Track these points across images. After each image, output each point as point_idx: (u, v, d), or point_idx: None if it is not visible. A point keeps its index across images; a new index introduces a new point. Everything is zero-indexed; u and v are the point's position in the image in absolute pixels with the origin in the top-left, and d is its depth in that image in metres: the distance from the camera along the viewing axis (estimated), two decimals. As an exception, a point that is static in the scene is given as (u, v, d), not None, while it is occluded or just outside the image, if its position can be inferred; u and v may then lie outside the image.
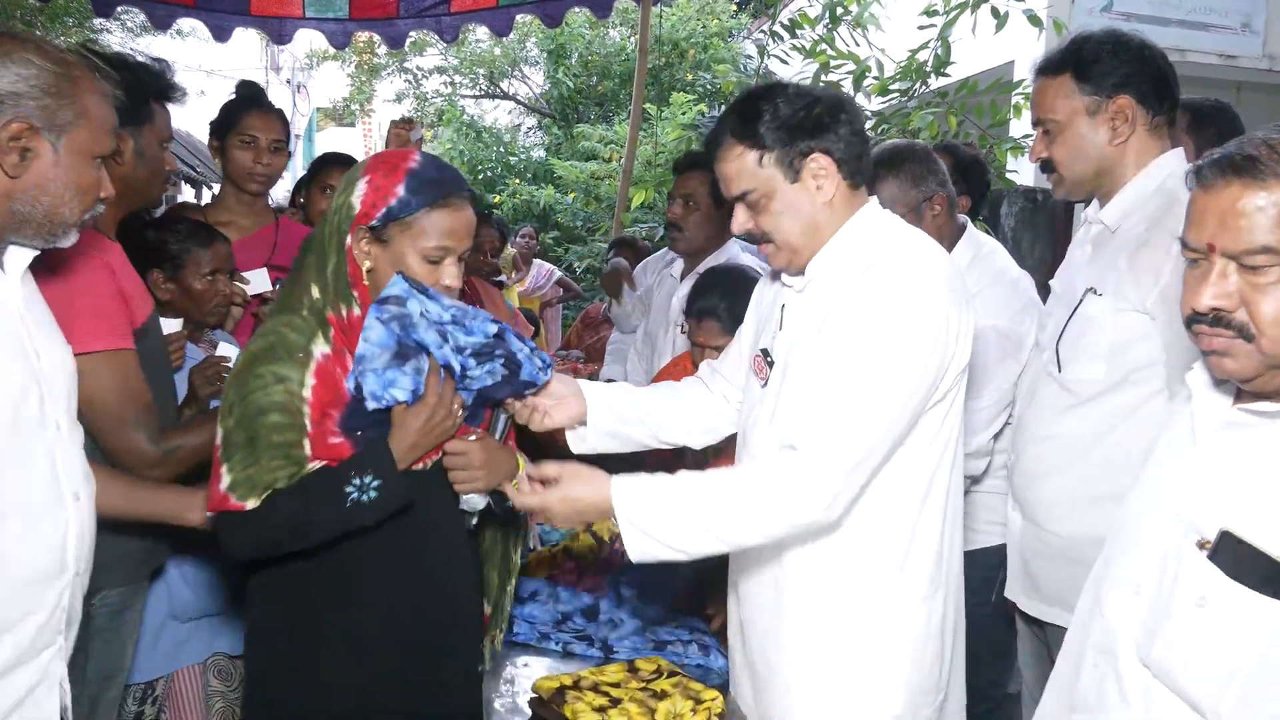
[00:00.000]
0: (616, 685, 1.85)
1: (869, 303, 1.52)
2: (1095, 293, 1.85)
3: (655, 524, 1.50)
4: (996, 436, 2.27)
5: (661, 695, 1.80)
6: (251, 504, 1.55)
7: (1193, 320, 1.14)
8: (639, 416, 1.86)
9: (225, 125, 2.71)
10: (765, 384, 1.69)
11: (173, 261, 2.29)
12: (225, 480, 1.55)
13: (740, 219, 1.63)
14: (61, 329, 1.62)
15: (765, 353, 1.70)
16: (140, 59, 2.07)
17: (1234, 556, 1.10)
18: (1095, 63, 1.85)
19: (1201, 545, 1.14)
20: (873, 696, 1.60)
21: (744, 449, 1.74)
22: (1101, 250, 1.89)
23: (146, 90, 1.96)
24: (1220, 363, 1.14)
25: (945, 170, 2.37)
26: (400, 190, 1.56)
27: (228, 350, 2.22)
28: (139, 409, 1.80)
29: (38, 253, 1.41)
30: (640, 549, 1.51)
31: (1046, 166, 1.95)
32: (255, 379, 1.56)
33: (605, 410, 1.83)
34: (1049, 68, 1.91)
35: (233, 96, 2.82)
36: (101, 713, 1.91)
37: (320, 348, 1.59)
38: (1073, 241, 2.04)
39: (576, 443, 1.84)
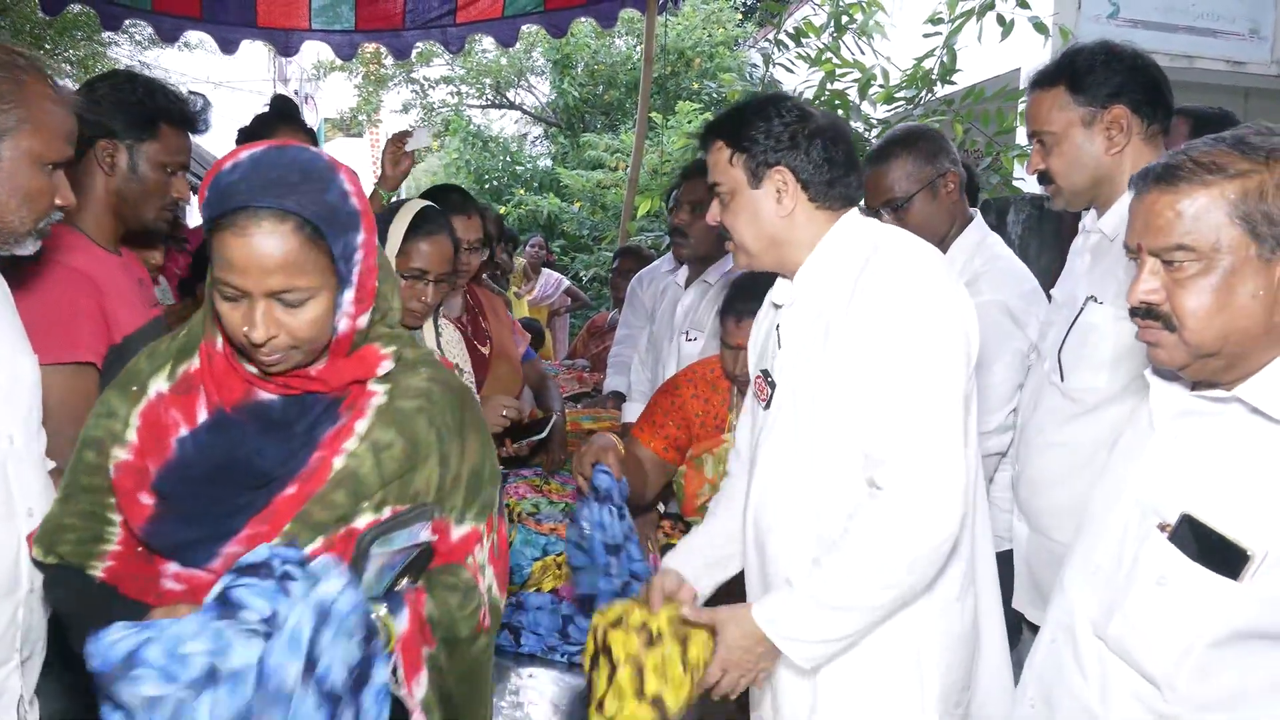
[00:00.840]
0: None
1: (882, 307, 1.51)
2: (1096, 301, 1.86)
3: (812, 630, 1.51)
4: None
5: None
6: (37, 554, 1.35)
7: (1133, 313, 1.26)
8: (725, 545, 1.82)
9: (255, 139, 2.69)
10: (767, 405, 1.68)
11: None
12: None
13: (713, 210, 1.69)
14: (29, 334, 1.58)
15: (765, 374, 1.71)
16: (175, 86, 2.05)
17: (1193, 538, 1.19)
18: (1089, 74, 1.86)
19: (1162, 528, 1.23)
20: (904, 698, 1.58)
21: (753, 468, 1.72)
22: (1101, 259, 1.90)
23: (159, 110, 1.93)
24: (1154, 353, 1.25)
25: (956, 151, 2.39)
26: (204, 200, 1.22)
27: None
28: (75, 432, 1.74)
29: None
30: (808, 656, 1.52)
31: (1044, 178, 1.96)
32: (99, 403, 1.36)
33: (704, 568, 1.81)
34: (1043, 80, 1.93)
35: (249, 112, 2.84)
36: None
37: (160, 384, 1.32)
38: (1071, 250, 2.05)
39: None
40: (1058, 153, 1.90)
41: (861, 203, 1.85)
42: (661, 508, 2.61)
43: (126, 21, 4.84)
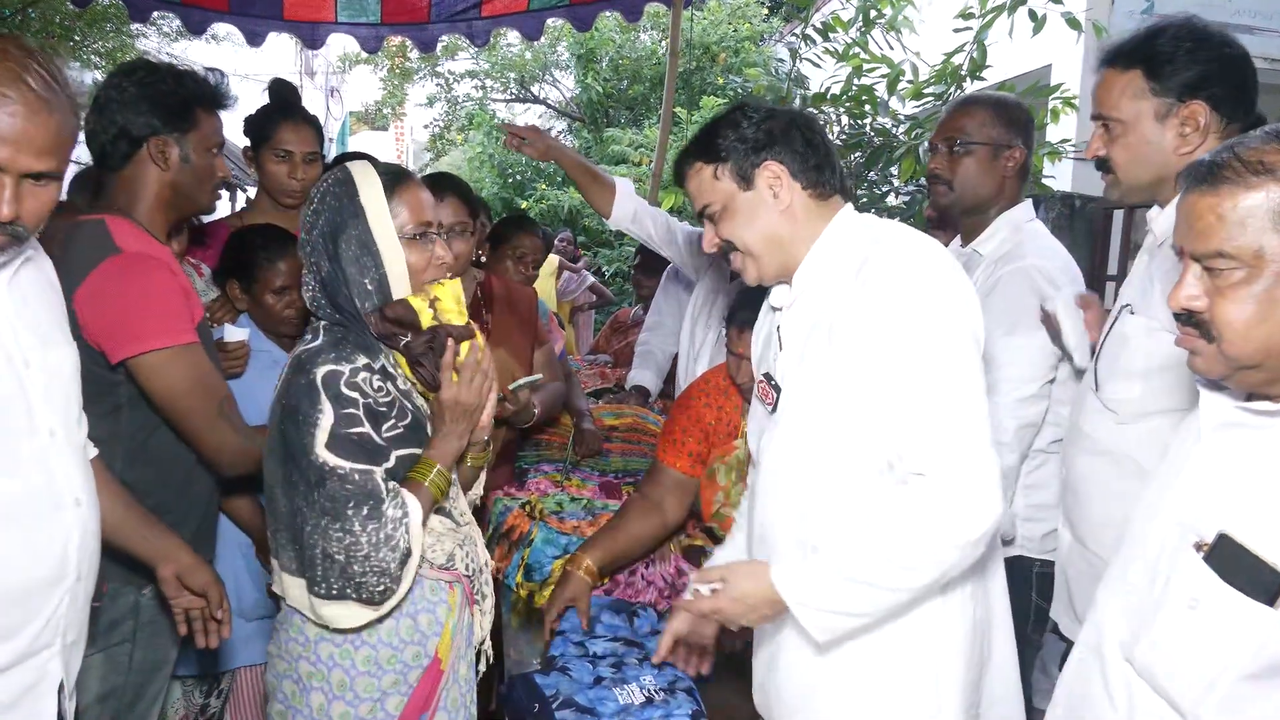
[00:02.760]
0: None
1: (888, 305, 1.47)
2: (1130, 310, 1.77)
3: (829, 599, 1.47)
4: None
5: None
6: None
7: (1176, 318, 1.20)
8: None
9: (259, 136, 2.69)
10: (774, 409, 1.64)
11: (248, 274, 2.34)
12: None
13: (708, 236, 1.65)
14: (128, 324, 1.73)
15: (768, 377, 1.68)
16: (189, 67, 2.08)
17: (1229, 560, 1.12)
18: (1169, 61, 1.70)
19: (1199, 547, 1.15)
20: (908, 699, 1.55)
21: (756, 470, 1.71)
22: (1152, 261, 1.80)
23: (191, 97, 1.97)
24: (1192, 361, 1.20)
25: (1034, 139, 2.34)
26: None
27: (238, 334, 2.24)
28: (221, 399, 1.84)
29: (21, 259, 1.39)
30: (821, 626, 1.49)
31: (1102, 165, 1.82)
32: None
33: None
34: (1118, 59, 1.76)
35: (265, 100, 2.81)
36: (146, 701, 1.94)
37: None
38: (1141, 248, 1.92)
39: None
40: (1123, 143, 1.76)
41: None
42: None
43: (155, 14, 4.86)
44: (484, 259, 2.86)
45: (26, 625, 1.35)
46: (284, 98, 2.83)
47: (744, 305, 2.25)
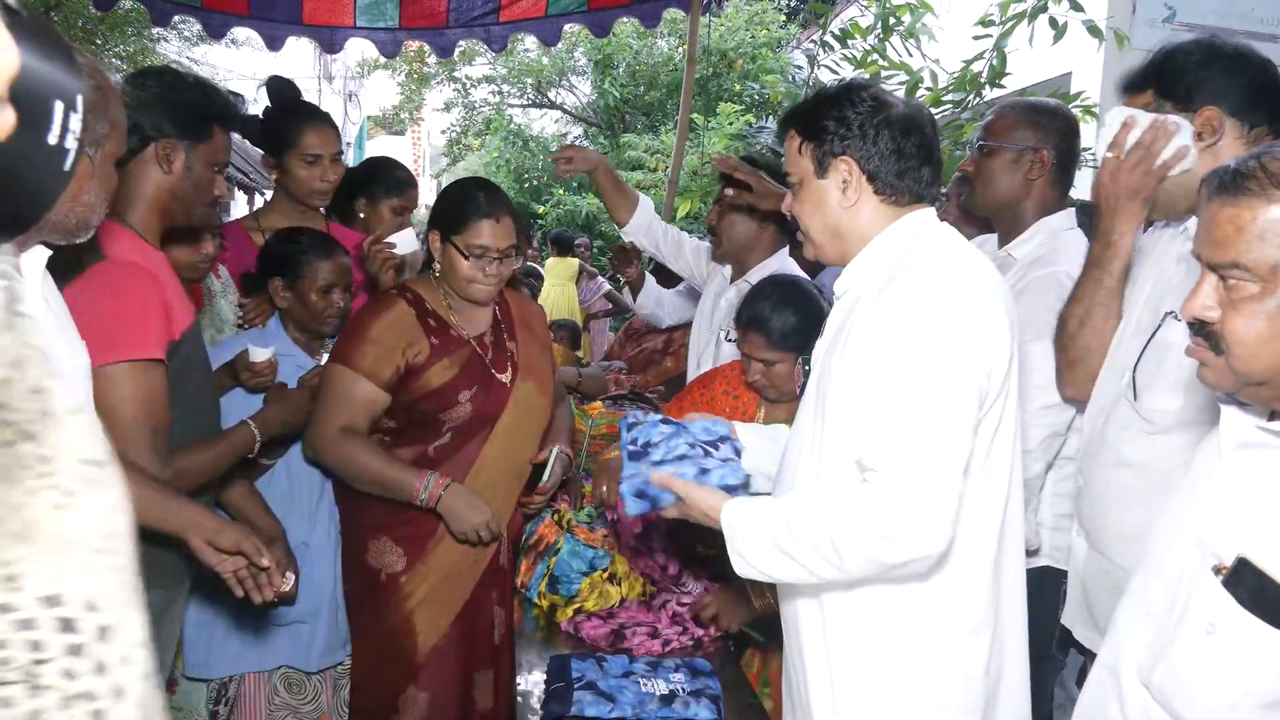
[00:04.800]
0: None
1: (899, 312, 1.47)
2: (1175, 317, 1.73)
3: (753, 556, 1.52)
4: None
5: None
6: None
7: (1189, 328, 1.18)
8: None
9: (281, 142, 2.67)
10: (803, 389, 1.69)
11: (293, 271, 2.35)
12: None
13: (786, 199, 1.69)
14: (95, 333, 1.63)
15: (804, 360, 1.72)
16: (215, 83, 2.11)
17: (1249, 584, 1.08)
18: (1178, 78, 1.74)
19: (1217, 570, 1.11)
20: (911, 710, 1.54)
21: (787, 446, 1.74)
22: (1191, 272, 1.78)
23: (211, 111, 1.96)
24: (1201, 372, 1.18)
25: (1076, 144, 2.29)
26: None
27: (262, 354, 2.22)
28: (153, 426, 1.76)
29: (51, 253, 1.41)
30: (741, 569, 1.55)
31: None
32: None
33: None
34: (1130, 86, 1.81)
35: (282, 107, 2.76)
36: (161, 643, 1.92)
37: None
38: (1168, 256, 1.90)
39: None
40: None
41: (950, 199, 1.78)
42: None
43: (175, 18, 4.90)
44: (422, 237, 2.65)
45: None
46: (288, 96, 2.79)
47: (749, 304, 2.26)
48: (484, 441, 2.26)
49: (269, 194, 3.41)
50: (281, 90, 2.79)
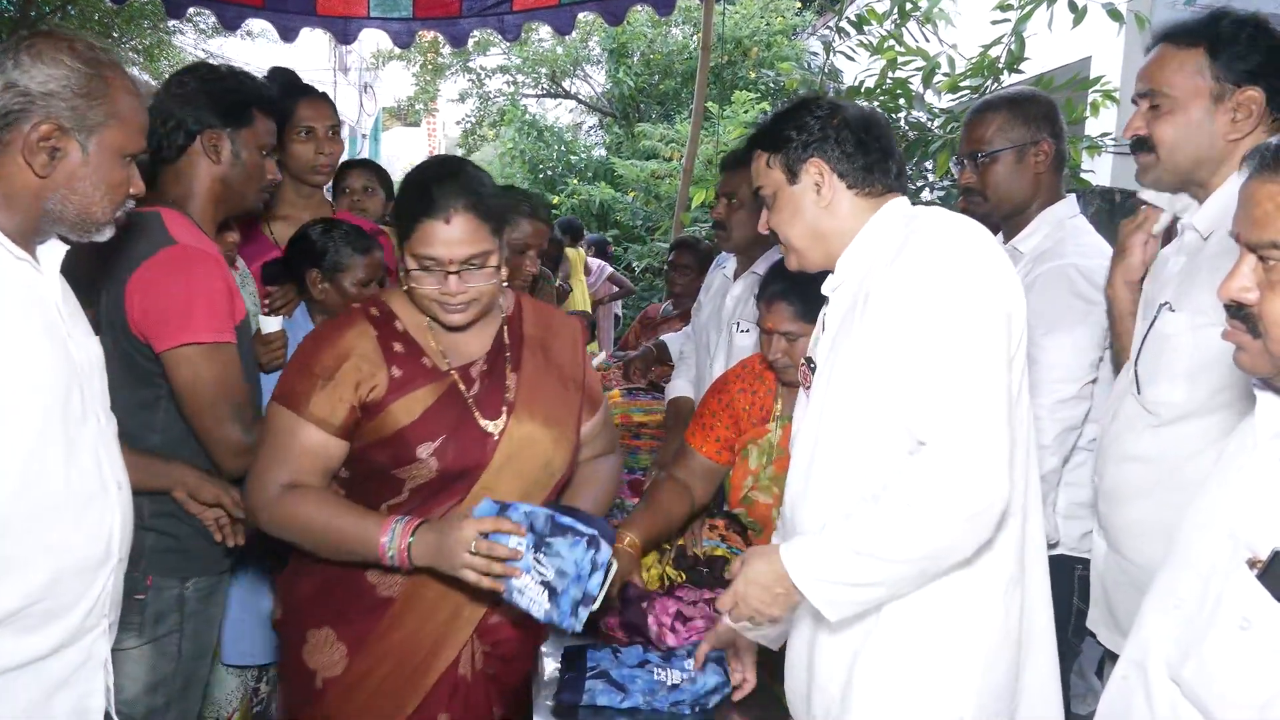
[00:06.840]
0: None
1: (918, 278, 1.47)
2: (1170, 308, 1.72)
3: (833, 571, 1.46)
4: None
5: None
6: None
7: (1225, 310, 1.14)
8: None
9: (279, 122, 2.68)
10: (809, 389, 1.67)
11: (332, 265, 2.40)
12: None
13: (763, 218, 1.71)
14: (169, 315, 1.79)
15: (808, 360, 1.71)
16: (251, 71, 2.15)
17: None
18: (1231, 43, 1.67)
19: (1252, 564, 1.08)
20: (942, 691, 1.52)
21: (793, 449, 1.71)
22: (1192, 261, 1.75)
23: (249, 97, 2.02)
24: (1238, 356, 1.14)
25: (1062, 121, 2.28)
26: None
27: (272, 324, 2.27)
28: (234, 401, 1.88)
29: (69, 248, 1.46)
30: (827, 600, 1.46)
31: (1139, 145, 1.77)
32: None
33: None
34: (1180, 37, 1.73)
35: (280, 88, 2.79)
36: (196, 685, 2.04)
37: None
38: (1163, 250, 1.90)
39: None
40: (1171, 120, 1.71)
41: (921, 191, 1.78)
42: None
43: (190, 10, 4.91)
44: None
45: (78, 605, 1.41)
46: (289, 82, 2.81)
47: (771, 279, 2.26)
48: (459, 503, 1.75)
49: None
50: (277, 76, 2.84)
